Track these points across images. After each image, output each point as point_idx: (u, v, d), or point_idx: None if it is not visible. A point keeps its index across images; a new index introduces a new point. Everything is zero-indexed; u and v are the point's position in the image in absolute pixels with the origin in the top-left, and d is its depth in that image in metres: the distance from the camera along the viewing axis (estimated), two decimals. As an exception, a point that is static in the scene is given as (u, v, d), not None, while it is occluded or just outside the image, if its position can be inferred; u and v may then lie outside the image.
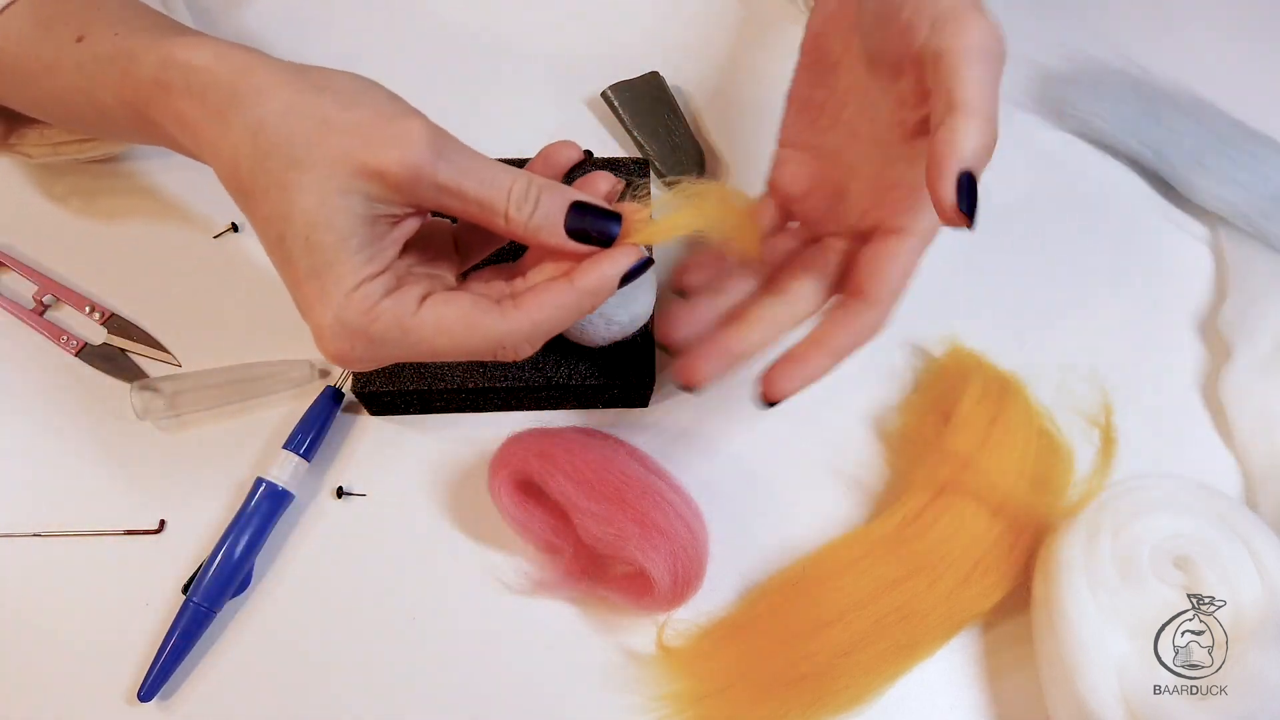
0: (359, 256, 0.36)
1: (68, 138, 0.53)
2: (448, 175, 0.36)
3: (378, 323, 0.36)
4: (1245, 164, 0.59)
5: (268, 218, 0.36)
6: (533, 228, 0.37)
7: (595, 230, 0.38)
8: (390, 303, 0.36)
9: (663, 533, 0.46)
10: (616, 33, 0.65)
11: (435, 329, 0.37)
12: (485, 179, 0.36)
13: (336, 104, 0.36)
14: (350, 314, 0.36)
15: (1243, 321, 0.56)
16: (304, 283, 0.36)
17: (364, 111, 0.36)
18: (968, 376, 0.52)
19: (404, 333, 0.36)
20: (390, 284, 0.37)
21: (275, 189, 0.35)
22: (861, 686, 0.47)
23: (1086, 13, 0.67)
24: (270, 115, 0.35)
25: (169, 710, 0.47)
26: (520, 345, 0.38)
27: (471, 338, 0.37)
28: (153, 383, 0.52)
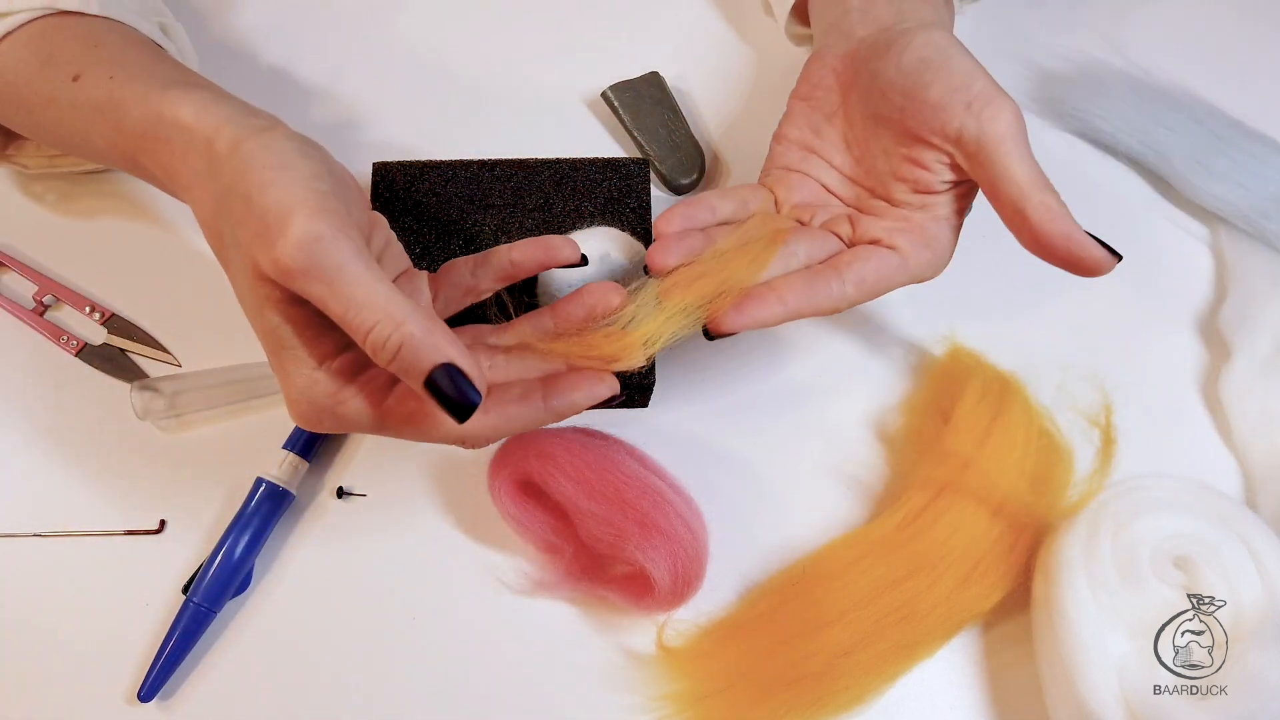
0: (301, 339, 0.37)
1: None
2: (319, 291, 0.34)
3: (344, 406, 0.38)
4: (1245, 164, 0.59)
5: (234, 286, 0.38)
6: (394, 369, 0.36)
7: (456, 396, 0.35)
8: (353, 392, 0.38)
9: (663, 533, 0.46)
10: (616, 33, 0.65)
11: (402, 422, 0.38)
12: (352, 306, 0.35)
13: (258, 184, 0.35)
14: (317, 395, 0.37)
15: (1243, 321, 0.56)
16: (269, 356, 0.38)
17: (274, 196, 0.35)
18: (968, 376, 0.52)
19: (371, 419, 0.38)
20: (349, 367, 0.38)
21: (230, 263, 0.38)
22: (861, 686, 0.47)
23: (1087, 13, 0.67)
24: (224, 184, 0.36)
25: (169, 710, 0.47)
26: (479, 442, 0.40)
27: (436, 432, 0.38)
28: (153, 383, 0.52)
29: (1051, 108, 0.63)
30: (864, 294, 0.44)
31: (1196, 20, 0.67)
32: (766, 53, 0.64)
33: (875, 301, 0.56)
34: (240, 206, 0.35)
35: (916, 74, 0.43)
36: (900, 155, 0.45)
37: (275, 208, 0.34)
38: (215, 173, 0.37)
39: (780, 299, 0.43)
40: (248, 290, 0.36)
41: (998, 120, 0.41)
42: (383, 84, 0.62)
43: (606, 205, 0.54)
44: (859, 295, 0.44)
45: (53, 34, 0.44)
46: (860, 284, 0.44)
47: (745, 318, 0.42)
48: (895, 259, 0.44)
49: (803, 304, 0.43)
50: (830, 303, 0.43)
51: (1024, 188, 0.41)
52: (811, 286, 0.43)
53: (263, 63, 0.63)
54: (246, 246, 0.35)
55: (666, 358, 0.55)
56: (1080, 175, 0.62)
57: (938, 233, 0.45)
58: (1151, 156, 0.61)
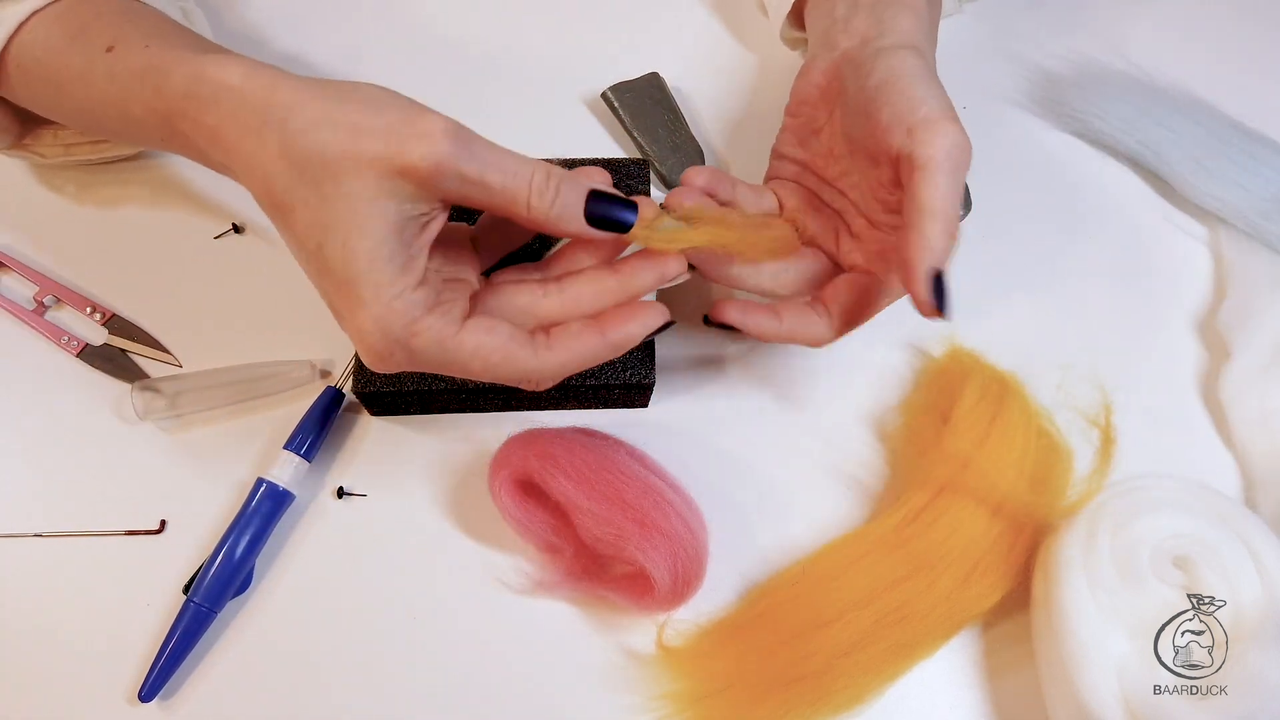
0: (393, 264, 0.37)
1: (81, 139, 0.54)
2: (471, 168, 0.37)
3: (419, 338, 0.38)
4: (1245, 164, 0.59)
5: (306, 227, 0.37)
6: (554, 216, 0.39)
7: (613, 217, 0.40)
8: (433, 320, 0.38)
9: (663, 533, 0.46)
10: (616, 33, 0.65)
11: (473, 354, 0.39)
12: (507, 170, 0.38)
13: (363, 111, 0.37)
14: (393, 323, 0.37)
15: (1242, 321, 0.56)
16: (343, 289, 0.37)
17: (390, 115, 0.37)
18: (967, 376, 0.52)
19: (443, 351, 0.38)
20: (430, 299, 0.38)
21: (313, 199, 0.37)
22: (861, 686, 0.47)
23: (1087, 13, 0.67)
24: (301, 129, 0.36)
25: (169, 710, 0.47)
26: (544, 380, 0.41)
27: (504, 368, 0.39)
28: (154, 383, 0.52)
29: (1051, 108, 0.63)
30: (848, 323, 0.47)
31: (1196, 21, 0.67)
32: (766, 53, 0.64)
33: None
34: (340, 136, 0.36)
35: (875, 95, 0.44)
36: (871, 175, 0.46)
37: (408, 110, 0.37)
38: (284, 119, 0.37)
39: (778, 316, 0.46)
40: (354, 211, 0.36)
41: (931, 145, 0.41)
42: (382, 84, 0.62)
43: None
44: (843, 326, 0.46)
45: (80, 9, 0.44)
46: (843, 315, 0.46)
47: (745, 316, 0.45)
48: (876, 285, 0.46)
49: (795, 328, 0.46)
50: (815, 334, 0.46)
51: (923, 213, 0.41)
52: (805, 317, 0.46)
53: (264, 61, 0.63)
54: (373, 155, 0.36)
55: (666, 357, 0.55)
56: (1080, 175, 0.62)
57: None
58: (1151, 157, 0.61)
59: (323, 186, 0.36)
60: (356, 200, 0.36)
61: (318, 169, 0.36)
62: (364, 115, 0.37)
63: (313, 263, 0.38)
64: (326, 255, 0.37)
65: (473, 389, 0.50)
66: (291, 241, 0.39)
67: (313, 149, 0.36)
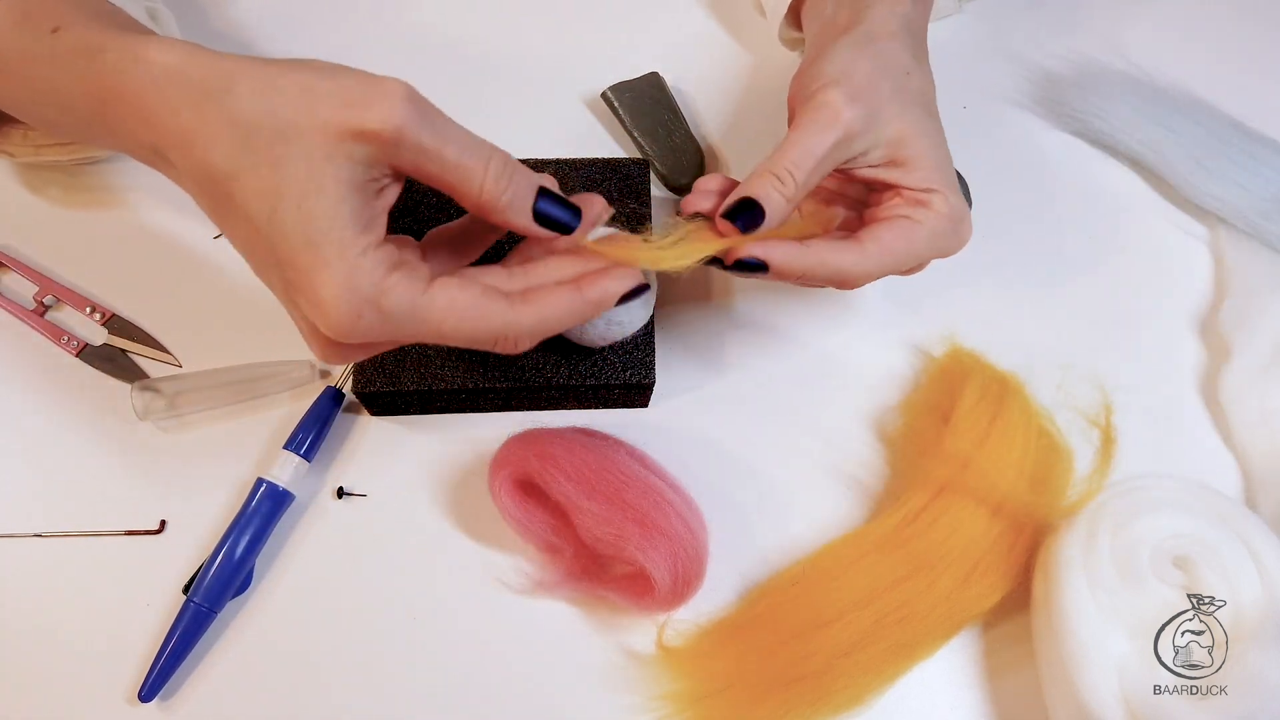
0: (356, 224, 0.36)
1: (50, 140, 0.53)
2: (430, 138, 0.36)
3: (388, 296, 0.36)
4: (1245, 164, 0.59)
5: (256, 195, 0.36)
6: (504, 203, 0.38)
7: (558, 218, 0.39)
8: (400, 276, 0.36)
9: (663, 533, 0.46)
10: (616, 33, 0.65)
11: (446, 309, 0.37)
12: (466, 146, 0.37)
13: (315, 76, 0.36)
14: (361, 281, 0.35)
15: (1242, 321, 0.56)
16: (300, 254, 0.36)
17: (344, 79, 0.36)
18: (967, 376, 0.52)
19: (414, 309, 0.36)
20: (393, 257, 0.37)
21: (263, 165, 0.35)
22: (861, 686, 0.47)
23: (1087, 13, 0.67)
24: (248, 95, 0.35)
25: (169, 710, 0.47)
26: (521, 338, 0.39)
27: (478, 322, 0.37)
28: (153, 383, 0.52)
29: (1051, 108, 0.63)
30: (885, 256, 0.44)
31: (1196, 21, 0.67)
32: (766, 53, 0.64)
33: (875, 301, 0.57)
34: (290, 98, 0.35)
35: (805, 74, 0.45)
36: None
37: (363, 75, 0.36)
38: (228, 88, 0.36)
39: (804, 246, 0.43)
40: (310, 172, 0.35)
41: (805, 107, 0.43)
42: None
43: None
44: (880, 258, 0.44)
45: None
46: (880, 247, 0.44)
47: (768, 249, 0.42)
48: (909, 223, 0.44)
49: (825, 256, 0.43)
50: (849, 261, 0.43)
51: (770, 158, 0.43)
52: (834, 244, 0.44)
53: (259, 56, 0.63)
54: (327, 116, 0.35)
55: (666, 357, 0.55)
56: (1080, 175, 0.62)
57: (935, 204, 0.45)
58: (1151, 156, 0.61)
59: (272, 149, 0.35)
60: (312, 161, 0.35)
61: (267, 132, 0.35)
62: (316, 79, 0.36)
63: (261, 237, 0.36)
64: (280, 221, 0.35)
65: (473, 389, 0.50)
66: (234, 219, 0.37)
67: (261, 112, 0.35)
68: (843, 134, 0.43)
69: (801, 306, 0.57)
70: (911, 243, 0.44)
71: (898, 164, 0.45)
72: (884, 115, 0.44)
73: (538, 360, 0.50)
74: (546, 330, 0.39)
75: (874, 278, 0.45)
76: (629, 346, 0.51)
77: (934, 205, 0.44)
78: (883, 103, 0.44)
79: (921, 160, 0.44)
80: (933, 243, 0.45)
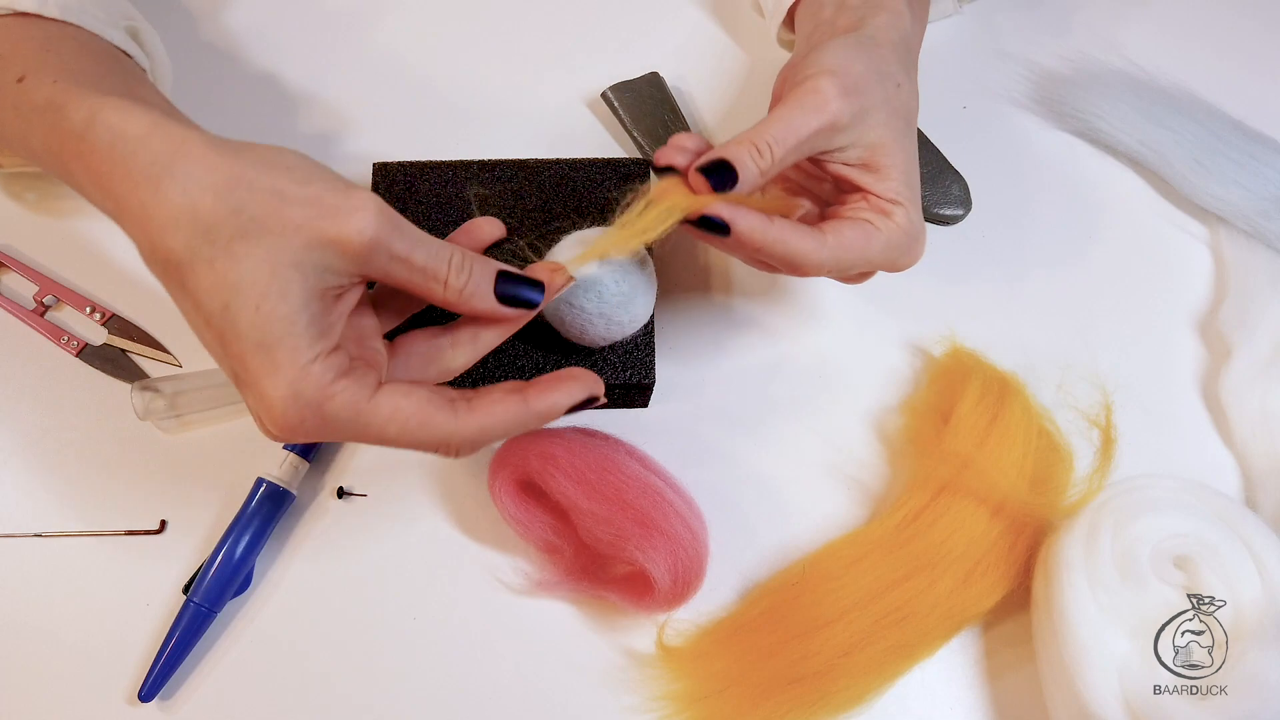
0: (311, 330, 0.36)
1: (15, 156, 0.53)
2: (401, 245, 0.37)
3: (332, 402, 0.36)
4: (1245, 164, 0.59)
5: (211, 288, 0.35)
6: (467, 294, 0.39)
7: (520, 296, 0.40)
8: (346, 384, 0.37)
9: (663, 533, 0.46)
10: (616, 33, 0.65)
11: (389, 418, 0.37)
12: (430, 250, 0.38)
13: (290, 179, 0.36)
14: (307, 388, 0.36)
15: (1242, 321, 0.56)
16: (251, 355, 0.36)
17: (319, 186, 0.36)
18: (968, 376, 0.52)
19: (356, 415, 0.37)
20: (343, 364, 0.37)
21: (220, 259, 0.35)
22: (861, 686, 0.47)
23: (1086, 13, 0.67)
24: (214, 188, 0.35)
25: (169, 710, 0.47)
26: (464, 446, 0.39)
27: (421, 432, 0.38)
28: (153, 383, 0.52)
29: (1051, 108, 0.63)
30: (841, 252, 0.44)
31: (1196, 20, 0.67)
32: (766, 53, 0.64)
33: (875, 300, 0.57)
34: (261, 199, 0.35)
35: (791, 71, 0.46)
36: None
37: (336, 182, 0.37)
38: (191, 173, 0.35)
39: (769, 219, 0.43)
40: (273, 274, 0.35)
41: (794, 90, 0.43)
42: (382, 84, 0.62)
43: (606, 205, 0.54)
44: (837, 252, 0.44)
45: (6, 34, 0.43)
46: (839, 241, 0.44)
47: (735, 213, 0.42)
48: (870, 228, 0.45)
49: (786, 235, 0.43)
50: (808, 248, 0.43)
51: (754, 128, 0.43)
52: (797, 228, 0.44)
53: (257, 63, 0.63)
54: (300, 222, 0.35)
55: (666, 357, 0.55)
56: (1080, 175, 0.62)
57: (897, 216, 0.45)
58: (1151, 156, 0.61)
59: (233, 245, 0.35)
60: (276, 264, 0.35)
61: (229, 228, 0.35)
62: (288, 182, 0.36)
63: (213, 326, 0.36)
64: (233, 319, 0.35)
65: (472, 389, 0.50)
66: (186, 301, 0.37)
67: (227, 208, 0.35)
68: (828, 121, 0.43)
69: (801, 307, 0.57)
70: (868, 246, 0.44)
71: (871, 169, 0.45)
72: (871, 118, 0.44)
73: (538, 360, 0.50)
74: (488, 439, 0.39)
75: (825, 270, 0.45)
76: (629, 346, 0.51)
77: (895, 217, 0.45)
78: (873, 105, 0.44)
79: (894, 171, 0.45)
80: (886, 253, 0.45)
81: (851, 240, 0.44)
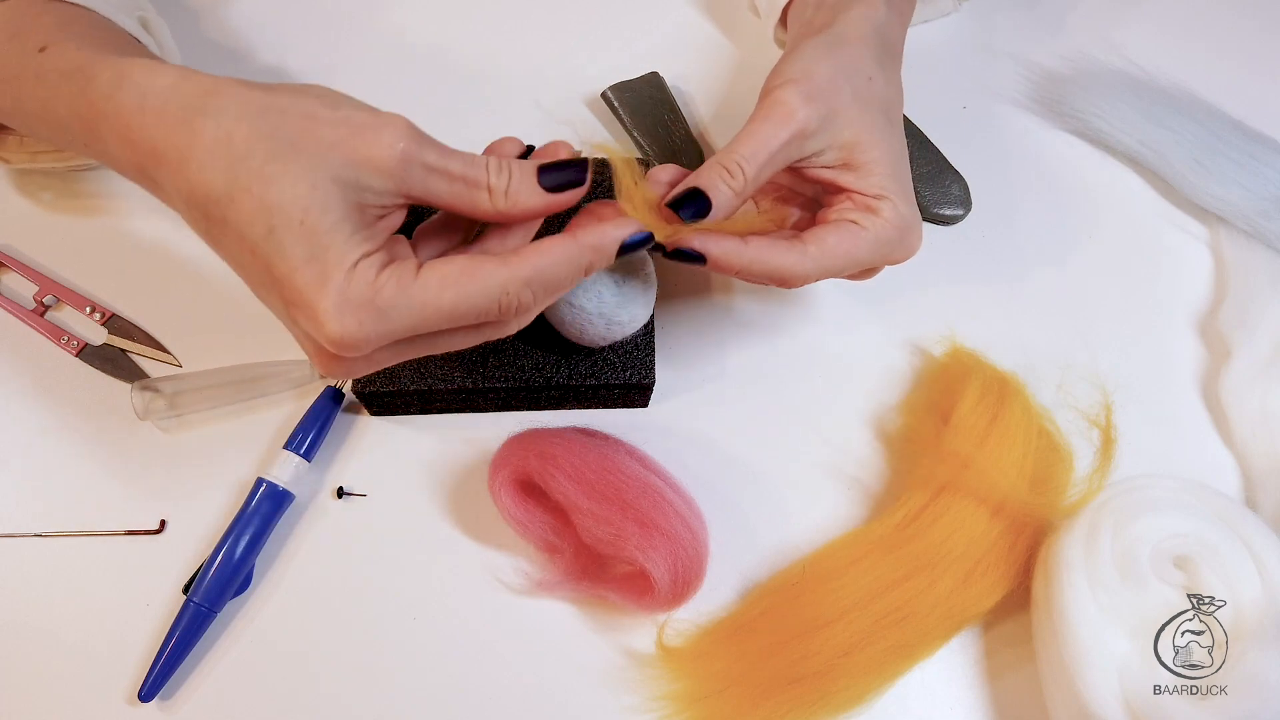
0: (356, 237, 0.36)
1: (45, 146, 0.53)
2: (435, 157, 0.37)
3: (381, 294, 0.36)
4: (1245, 164, 0.59)
5: (252, 215, 0.36)
6: (512, 192, 0.39)
7: (568, 179, 0.39)
8: (391, 270, 0.36)
9: (663, 533, 0.46)
10: (616, 33, 0.65)
11: (439, 285, 0.36)
12: (466, 158, 0.38)
13: (320, 103, 0.37)
14: (354, 288, 0.35)
15: (1242, 321, 0.56)
16: (299, 271, 0.36)
17: (348, 109, 0.37)
18: (967, 376, 0.52)
19: (408, 295, 0.36)
20: (384, 259, 0.37)
21: (260, 183, 0.35)
22: (861, 686, 0.47)
23: (1086, 13, 0.67)
24: (248, 116, 0.36)
25: (169, 710, 0.47)
26: (523, 293, 0.37)
27: (474, 286, 0.37)
28: (153, 383, 0.52)
29: (1051, 108, 0.63)
30: (826, 259, 0.44)
31: (1197, 20, 0.67)
32: (765, 52, 0.64)
33: (875, 300, 0.57)
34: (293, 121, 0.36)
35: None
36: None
37: (363, 106, 0.37)
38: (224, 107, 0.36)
39: (743, 243, 0.43)
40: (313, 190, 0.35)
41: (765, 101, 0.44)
42: (382, 84, 0.62)
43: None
44: (821, 260, 0.44)
45: (23, 11, 0.44)
46: (822, 249, 0.44)
47: (707, 242, 0.42)
48: (855, 228, 0.44)
49: (765, 254, 0.43)
50: (789, 261, 0.43)
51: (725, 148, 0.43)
52: (775, 244, 0.43)
53: (256, 62, 0.63)
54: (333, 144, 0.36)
55: (666, 357, 0.55)
56: (1080, 175, 0.62)
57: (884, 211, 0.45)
58: (1151, 156, 0.61)
59: (269, 167, 0.35)
60: (315, 180, 0.35)
61: (265, 153, 0.35)
62: (319, 107, 0.36)
63: (258, 255, 0.36)
64: (279, 240, 0.35)
65: (473, 389, 0.50)
66: (227, 240, 0.37)
67: (260, 134, 0.35)
68: (795, 131, 0.43)
69: (801, 307, 0.57)
70: (855, 248, 0.44)
71: (850, 167, 0.45)
72: (841, 118, 0.44)
73: (538, 360, 0.50)
74: (545, 283, 0.38)
75: (815, 279, 0.44)
76: (629, 346, 0.51)
77: (882, 212, 0.44)
78: (841, 105, 0.44)
79: (875, 166, 0.44)
80: (877, 250, 0.45)
81: (835, 245, 0.44)
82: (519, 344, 0.50)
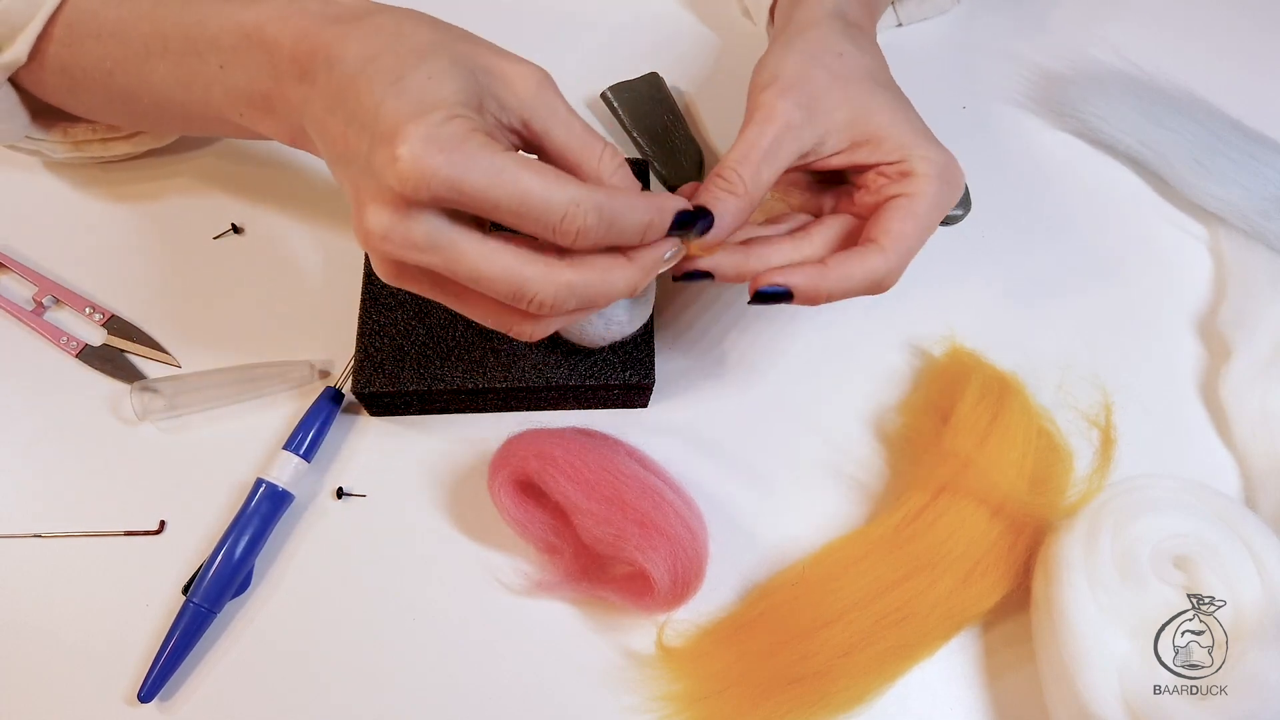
0: (466, 106, 0.36)
1: (92, 135, 0.53)
2: (565, 108, 0.39)
3: (470, 141, 0.35)
4: (1244, 164, 0.59)
5: (388, 67, 0.36)
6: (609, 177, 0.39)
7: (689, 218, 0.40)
8: (484, 137, 0.36)
9: (663, 533, 0.46)
10: (616, 33, 0.65)
11: (523, 164, 0.35)
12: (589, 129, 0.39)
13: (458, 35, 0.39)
14: (449, 129, 0.35)
15: (1242, 321, 0.56)
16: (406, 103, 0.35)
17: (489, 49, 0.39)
18: (967, 376, 0.52)
19: (493, 160, 0.35)
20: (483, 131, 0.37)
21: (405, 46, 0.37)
22: (861, 687, 0.47)
23: (1086, 13, 0.67)
24: (415, 17, 0.39)
25: (169, 711, 0.47)
26: (589, 215, 0.36)
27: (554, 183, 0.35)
28: (152, 384, 0.52)
29: (1051, 108, 0.63)
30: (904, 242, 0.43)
31: (1196, 20, 0.67)
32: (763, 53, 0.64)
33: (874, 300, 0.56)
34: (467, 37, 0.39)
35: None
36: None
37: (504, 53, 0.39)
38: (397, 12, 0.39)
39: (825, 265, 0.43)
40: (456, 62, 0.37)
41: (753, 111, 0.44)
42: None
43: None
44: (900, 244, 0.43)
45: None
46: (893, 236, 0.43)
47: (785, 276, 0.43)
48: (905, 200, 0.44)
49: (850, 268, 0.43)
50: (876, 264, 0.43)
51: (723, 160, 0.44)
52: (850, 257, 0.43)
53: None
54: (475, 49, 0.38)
55: (666, 357, 0.55)
56: (1080, 175, 0.62)
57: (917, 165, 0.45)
58: (1151, 156, 0.61)
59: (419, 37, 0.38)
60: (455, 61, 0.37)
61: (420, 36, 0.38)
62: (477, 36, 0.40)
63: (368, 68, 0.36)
64: (405, 85, 0.35)
65: (473, 389, 0.50)
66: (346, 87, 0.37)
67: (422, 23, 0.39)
68: (780, 126, 0.43)
69: (800, 307, 0.57)
70: (918, 217, 0.43)
71: (863, 143, 0.44)
72: (826, 102, 0.44)
73: (537, 360, 0.50)
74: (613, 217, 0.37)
75: (904, 268, 0.44)
76: (629, 346, 0.51)
77: (918, 169, 0.44)
78: (820, 90, 0.44)
79: (884, 130, 0.44)
80: (936, 204, 0.44)
81: (902, 227, 0.43)
82: (519, 344, 0.50)
